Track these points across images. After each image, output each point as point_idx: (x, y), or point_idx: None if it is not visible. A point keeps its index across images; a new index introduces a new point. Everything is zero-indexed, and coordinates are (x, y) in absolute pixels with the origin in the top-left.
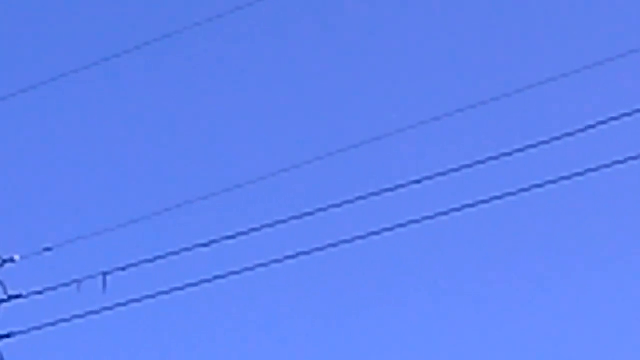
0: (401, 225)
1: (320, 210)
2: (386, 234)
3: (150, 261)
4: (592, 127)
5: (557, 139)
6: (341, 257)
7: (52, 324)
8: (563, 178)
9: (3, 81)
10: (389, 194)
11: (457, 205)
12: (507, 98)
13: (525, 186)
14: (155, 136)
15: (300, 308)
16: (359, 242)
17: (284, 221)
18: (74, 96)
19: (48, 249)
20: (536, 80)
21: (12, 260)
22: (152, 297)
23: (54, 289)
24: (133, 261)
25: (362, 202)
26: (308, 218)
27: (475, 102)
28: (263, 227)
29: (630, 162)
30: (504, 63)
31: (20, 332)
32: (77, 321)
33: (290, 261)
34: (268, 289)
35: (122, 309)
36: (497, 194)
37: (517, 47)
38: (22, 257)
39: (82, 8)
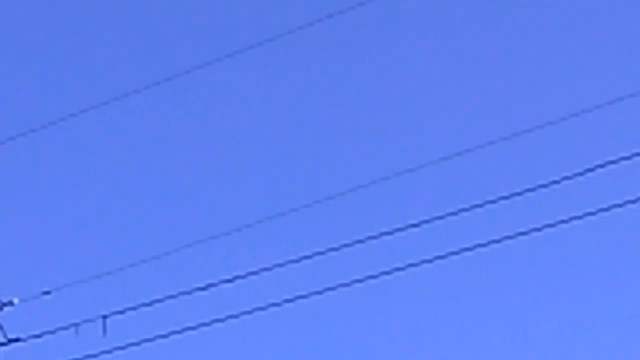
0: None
1: (315, 254)
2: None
3: (149, 304)
4: (591, 170)
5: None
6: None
7: None
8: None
9: None
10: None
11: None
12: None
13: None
14: (153, 182)
15: (302, 352)
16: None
17: (280, 264)
18: (71, 142)
19: (47, 292)
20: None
21: (11, 303)
22: (151, 340)
23: (52, 332)
24: (132, 304)
25: (358, 246)
26: (311, 259)
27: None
28: (271, 267)
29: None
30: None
31: None
32: None
33: (294, 303)
34: (269, 331)
35: (121, 352)
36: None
37: (518, 91)
38: (20, 301)
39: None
